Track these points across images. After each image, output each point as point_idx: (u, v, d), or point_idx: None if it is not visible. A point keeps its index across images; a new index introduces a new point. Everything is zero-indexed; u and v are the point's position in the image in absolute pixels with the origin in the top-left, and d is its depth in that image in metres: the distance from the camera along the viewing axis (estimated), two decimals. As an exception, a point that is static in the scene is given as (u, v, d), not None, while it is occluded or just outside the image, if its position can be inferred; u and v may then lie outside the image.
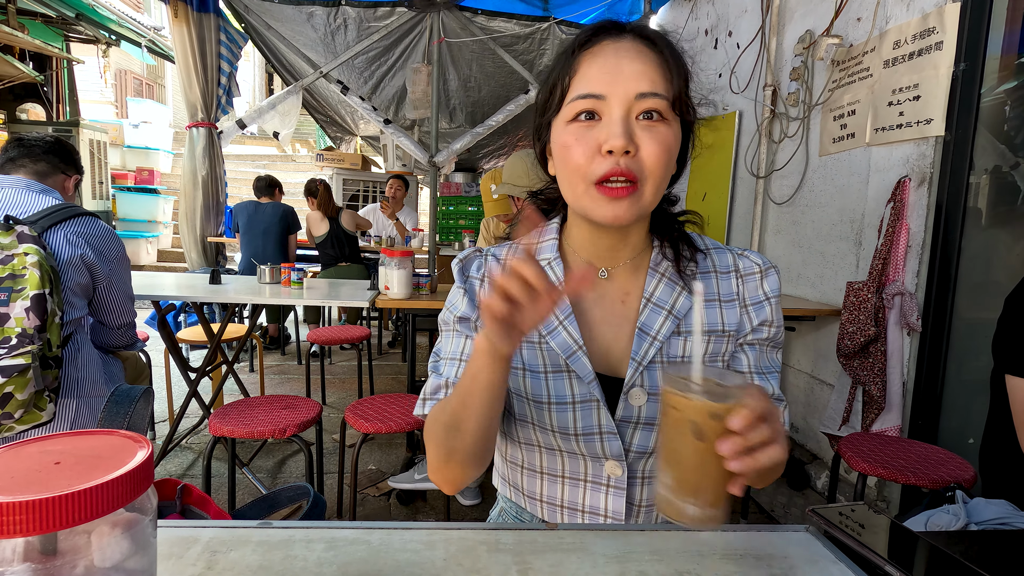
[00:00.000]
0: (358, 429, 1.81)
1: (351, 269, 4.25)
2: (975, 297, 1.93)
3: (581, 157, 0.62)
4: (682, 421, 0.49)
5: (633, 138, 0.61)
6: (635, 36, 0.64)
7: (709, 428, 0.48)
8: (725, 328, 0.71)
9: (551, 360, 0.70)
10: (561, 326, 0.69)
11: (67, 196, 1.69)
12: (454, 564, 0.54)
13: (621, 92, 0.61)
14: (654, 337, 0.69)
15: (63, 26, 6.76)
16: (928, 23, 1.93)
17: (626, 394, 0.68)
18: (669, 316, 0.69)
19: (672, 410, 0.50)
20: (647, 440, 0.69)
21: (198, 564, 0.53)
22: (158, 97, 12.90)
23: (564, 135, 0.64)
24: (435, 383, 0.73)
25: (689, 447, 0.49)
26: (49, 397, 1.32)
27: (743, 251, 0.74)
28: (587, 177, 0.62)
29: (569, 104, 0.64)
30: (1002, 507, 0.87)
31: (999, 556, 0.66)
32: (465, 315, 0.73)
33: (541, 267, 0.51)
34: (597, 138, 0.62)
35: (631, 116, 0.61)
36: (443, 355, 0.75)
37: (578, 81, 0.63)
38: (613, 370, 0.70)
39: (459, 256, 0.78)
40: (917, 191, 1.98)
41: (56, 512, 0.31)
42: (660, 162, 0.62)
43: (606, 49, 0.63)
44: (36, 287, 1.25)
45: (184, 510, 0.73)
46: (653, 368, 0.69)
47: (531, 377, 0.70)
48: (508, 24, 4.10)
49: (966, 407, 1.95)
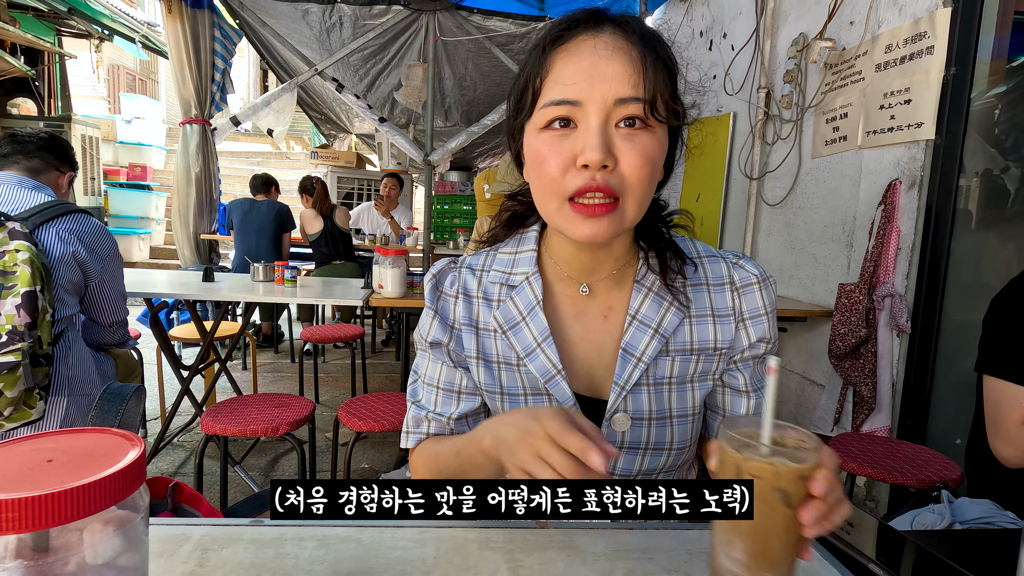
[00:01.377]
0: (351, 428, 1.81)
1: (345, 267, 4.24)
2: (964, 299, 1.95)
3: (554, 170, 0.56)
4: (766, 489, 0.45)
5: (612, 150, 0.55)
6: (615, 29, 0.57)
7: (796, 494, 0.44)
8: (718, 346, 0.66)
9: (530, 383, 0.66)
10: (539, 349, 0.65)
11: (60, 193, 1.68)
12: (445, 562, 0.55)
13: (598, 97, 0.54)
14: (639, 358, 0.64)
15: (55, 20, 6.71)
16: (920, 27, 1.95)
17: (608, 420, 0.65)
18: (655, 335, 0.64)
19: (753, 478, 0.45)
20: (631, 464, 0.66)
21: (189, 562, 0.53)
22: (151, 93, 12.81)
23: (536, 143, 0.58)
24: (416, 415, 0.71)
25: (773, 517, 0.45)
26: (39, 395, 1.31)
27: (738, 259, 0.69)
28: (560, 192, 0.57)
29: (541, 109, 0.57)
30: (986, 507, 0.88)
31: (982, 555, 0.67)
32: (436, 340, 0.69)
33: (587, 440, 0.47)
34: (572, 148, 0.55)
35: (610, 124, 0.55)
36: (421, 376, 0.72)
37: (551, 84, 0.57)
38: (596, 391, 0.67)
39: (432, 270, 0.72)
40: (907, 194, 2.00)
41: (48, 509, 0.31)
42: (642, 175, 0.56)
43: (582, 46, 0.56)
44: (27, 284, 1.24)
45: (176, 508, 0.73)
46: (638, 391, 0.64)
47: (510, 401, 0.67)
48: (504, 23, 4.10)
49: (954, 408, 1.97)
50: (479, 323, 0.68)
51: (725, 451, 0.47)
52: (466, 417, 0.69)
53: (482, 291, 0.69)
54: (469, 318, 0.69)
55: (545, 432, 0.48)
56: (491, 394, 0.68)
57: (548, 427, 0.48)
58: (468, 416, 0.69)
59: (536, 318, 0.65)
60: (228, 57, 4.37)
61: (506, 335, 0.67)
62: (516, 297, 0.67)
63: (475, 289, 0.69)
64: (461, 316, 0.69)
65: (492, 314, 0.67)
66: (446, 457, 0.64)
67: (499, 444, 0.53)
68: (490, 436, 0.55)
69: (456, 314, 0.69)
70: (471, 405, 0.69)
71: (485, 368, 0.68)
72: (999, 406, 0.99)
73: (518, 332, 0.66)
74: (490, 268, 0.70)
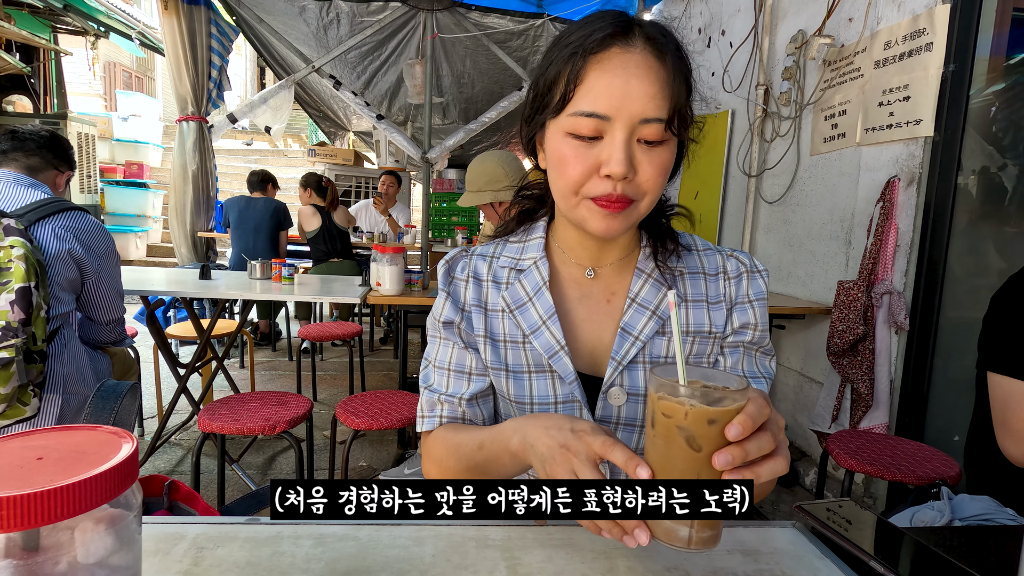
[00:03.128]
0: (349, 425, 1.80)
1: (343, 265, 4.23)
2: (962, 296, 1.95)
3: (578, 175, 0.61)
4: (672, 429, 0.45)
5: (632, 162, 0.59)
6: (646, 44, 0.60)
7: (704, 437, 0.44)
8: (712, 330, 0.70)
9: (534, 360, 0.70)
10: (544, 326, 0.69)
11: (57, 192, 1.68)
12: (443, 560, 0.54)
13: (627, 115, 0.58)
14: (636, 337, 0.68)
15: (51, 17, 6.67)
16: (918, 24, 1.94)
17: (605, 393, 0.68)
18: (653, 316, 0.69)
19: (662, 417, 0.45)
20: (628, 442, 0.68)
21: (184, 560, 0.52)
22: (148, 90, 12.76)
23: (563, 146, 0.62)
24: (429, 399, 0.73)
25: (680, 459, 0.45)
26: (33, 392, 1.30)
27: (733, 252, 0.74)
28: (582, 194, 0.62)
29: (571, 116, 0.60)
30: (985, 503, 0.88)
31: (982, 551, 0.67)
32: (448, 319, 0.73)
33: (631, 453, 0.48)
34: (597, 157, 0.60)
35: (633, 139, 0.59)
36: (432, 362, 0.75)
37: (584, 93, 0.60)
38: (596, 369, 0.70)
39: (445, 257, 0.77)
40: (906, 191, 2.00)
41: (38, 508, 0.31)
42: (656, 184, 0.61)
43: (615, 61, 0.59)
44: (21, 280, 1.23)
45: (172, 506, 0.72)
46: (634, 368, 0.68)
47: (514, 379, 0.70)
48: (502, 20, 4.09)
49: (952, 405, 1.98)
50: (488, 304, 0.73)
51: (649, 393, 0.47)
52: (476, 398, 0.72)
53: (492, 275, 0.74)
54: (479, 299, 0.73)
55: (586, 448, 0.49)
56: (496, 371, 0.71)
57: (590, 442, 0.49)
58: (478, 396, 0.72)
59: (542, 298, 0.70)
60: (225, 54, 4.34)
61: (513, 314, 0.71)
62: (524, 280, 0.72)
63: (485, 273, 0.74)
64: (471, 298, 0.73)
65: (501, 295, 0.72)
66: (467, 449, 0.66)
67: (529, 449, 0.55)
68: (519, 437, 0.57)
69: (467, 296, 0.73)
70: (481, 385, 0.72)
71: (491, 347, 0.71)
72: (1007, 404, 0.98)
73: (525, 311, 0.70)
74: (500, 255, 0.75)
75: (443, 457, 0.70)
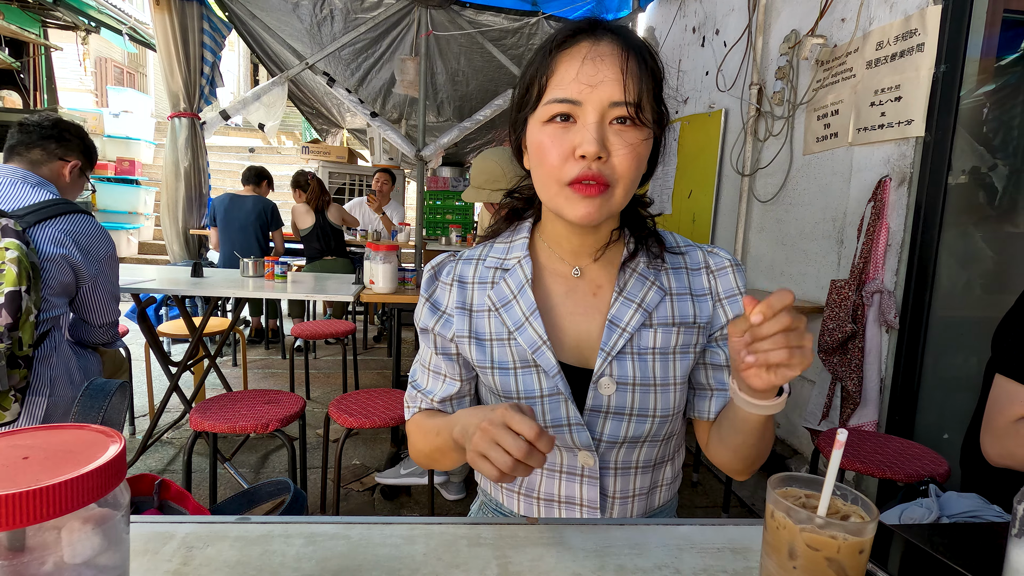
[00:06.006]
0: (342, 424, 1.80)
1: (336, 263, 4.21)
2: (952, 296, 1.97)
3: (555, 159, 0.64)
4: (820, 561, 0.45)
5: (605, 143, 0.63)
6: (613, 37, 0.64)
7: (854, 568, 0.45)
8: (696, 320, 0.73)
9: (519, 356, 0.72)
10: (527, 323, 0.72)
11: (64, 183, 1.59)
12: (434, 559, 0.54)
13: (596, 99, 0.62)
14: (623, 328, 0.71)
15: (40, 11, 6.60)
16: (910, 25, 1.96)
17: (595, 383, 0.70)
18: (639, 309, 0.71)
19: (807, 550, 0.46)
20: (617, 430, 0.71)
21: (174, 560, 0.52)
22: (140, 86, 12.66)
23: (540, 135, 0.66)
24: (411, 392, 0.81)
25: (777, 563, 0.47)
26: (15, 397, 1.28)
27: (711, 248, 0.78)
28: (560, 179, 0.65)
29: (545, 105, 0.65)
30: (973, 500, 0.89)
31: (968, 548, 0.67)
32: (424, 326, 0.77)
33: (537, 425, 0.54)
34: (572, 141, 0.63)
35: (604, 121, 0.63)
36: (419, 359, 0.82)
37: (555, 83, 0.64)
38: (585, 361, 0.73)
39: (432, 262, 0.80)
40: (897, 191, 2.01)
41: (23, 508, 0.31)
42: (630, 166, 0.64)
43: (583, 51, 0.64)
44: (12, 284, 1.21)
45: (162, 506, 0.72)
46: (623, 358, 0.71)
47: (500, 374, 0.73)
48: (496, 18, 4.08)
49: (942, 403, 1.99)
50: (473, 306, 0.76)
51: (775, 516, 0.47)
52: (447, 400, 0.78)
53: (478, 276, 0.77)
54: (463, 302, 0.76)
55: (501, 419, 0.55)
56: (483, 369, 0.74)
57: (503, 414, 0.55)
58: (449, 399, 0.78)
59: (525, 295, 0.73)
60: (217, 50, 4.31)
61: (498, 312, 0.74)
62: (509, 279, 0.75)
63: (471, 276, 0.77)
64: (455, 301, 0.76)
65: (487, 294, 0.75)
66: (429, 434, 0.75)
67: (463, 433, 0.61)
68: (459, 427, 0.63)
69: (449, 300, 0.77)
70: (450, 389, 0.77)
71: (477, 346, 0.74)
72: (997, 402, 0.99)
73: (509, 309, 0.73)
74: (486, 256, 0.78)
75: (416, 441, 0.78)
